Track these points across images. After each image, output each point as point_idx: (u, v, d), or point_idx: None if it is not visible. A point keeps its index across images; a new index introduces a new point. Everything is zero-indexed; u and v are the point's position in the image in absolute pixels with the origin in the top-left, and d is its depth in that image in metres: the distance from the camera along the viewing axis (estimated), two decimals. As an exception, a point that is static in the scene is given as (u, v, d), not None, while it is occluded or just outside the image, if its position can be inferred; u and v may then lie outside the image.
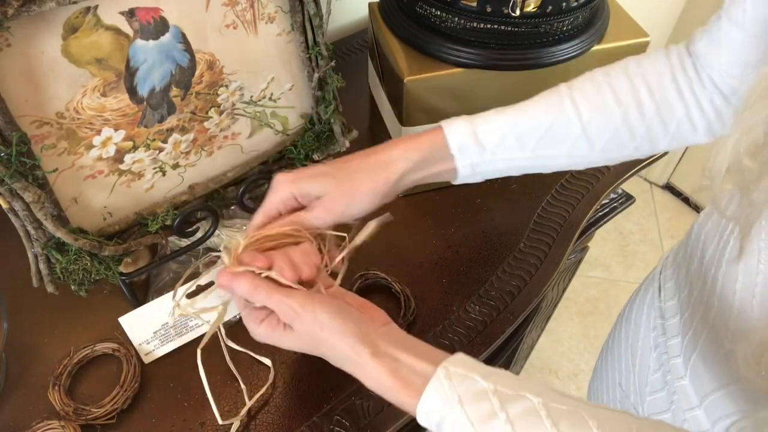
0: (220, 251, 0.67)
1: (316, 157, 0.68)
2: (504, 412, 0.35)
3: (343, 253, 0.48)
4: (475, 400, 0.36)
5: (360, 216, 0.48)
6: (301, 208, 0.48)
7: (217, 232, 0.64)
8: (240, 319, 0.64)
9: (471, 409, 0.36)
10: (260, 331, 0.44)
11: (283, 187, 0.46)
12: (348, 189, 0.46)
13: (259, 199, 0.67)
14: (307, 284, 0.44)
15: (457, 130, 0.48)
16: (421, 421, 0.38)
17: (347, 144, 0.69)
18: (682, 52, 0.49)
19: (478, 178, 0.51)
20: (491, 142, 0.48)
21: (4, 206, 0.49)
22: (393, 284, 0.64)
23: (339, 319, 0.41)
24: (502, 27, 0.62)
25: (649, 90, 0.48)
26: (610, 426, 0.34)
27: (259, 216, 0.48)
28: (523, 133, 0.49)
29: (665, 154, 0.82)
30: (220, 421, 0.55)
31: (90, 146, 0.52)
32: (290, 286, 0.43)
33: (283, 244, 0.46)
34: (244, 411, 0.56)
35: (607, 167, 0.79)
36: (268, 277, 0.43)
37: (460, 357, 0.39)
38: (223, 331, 0.61)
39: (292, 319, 0.42)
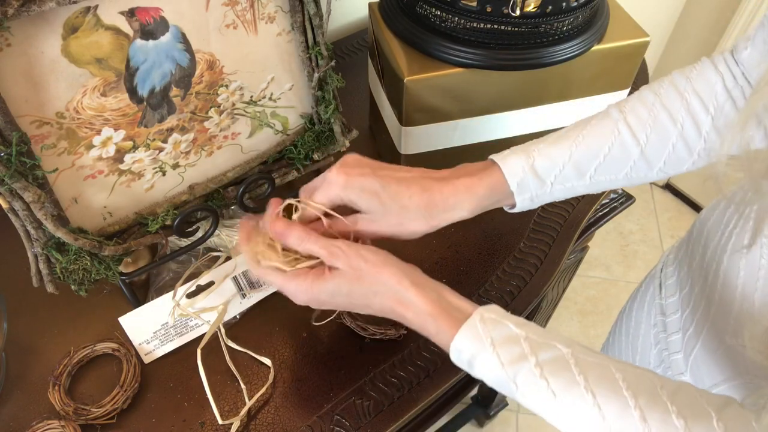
0: (221, 251, 0.67)
1: (316, 157, 0.68)
2: (534, 356, 0.37)
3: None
4: (506, 343, 0.38)
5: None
6: None
7: (217, 232, 0.64)
8: (240, 319, 0.64)
9: (502, 351, 0.37)
10: (304, 286, 0.44)
11: (335, 191, 0.46)
12: (394, 223, 0.46)
13: (259, 199, 0.67)
14: None
15: (515, 168, 0.47)
16: (453, 357, 0.40)
17: (347, 144, 0.69)
18: (729, 60, 0.48)
19: (534, 206, 0.51)
20: (550, 175, 0.48)
21: (4, 206, 0.49)
22: None
23: (382, 254, 0.44)
24: (502, 27, 0.62)
25: (702, 103, 0.47)
26: (635, 381, 0.35)
27: (304, 194, 0.48)
28: (581, 162, 0.48)
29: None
30: (220, 421, 0.55)
31: (90, 146, 0.52)
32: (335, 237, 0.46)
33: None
34: (244, 411, 0.56)
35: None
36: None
37: (495, 307, 0.41)
38: (223, 331, 0.61)
39: (338, 256, 0.43)
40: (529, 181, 0.47)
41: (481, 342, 0.38)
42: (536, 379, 0.36)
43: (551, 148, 0.48)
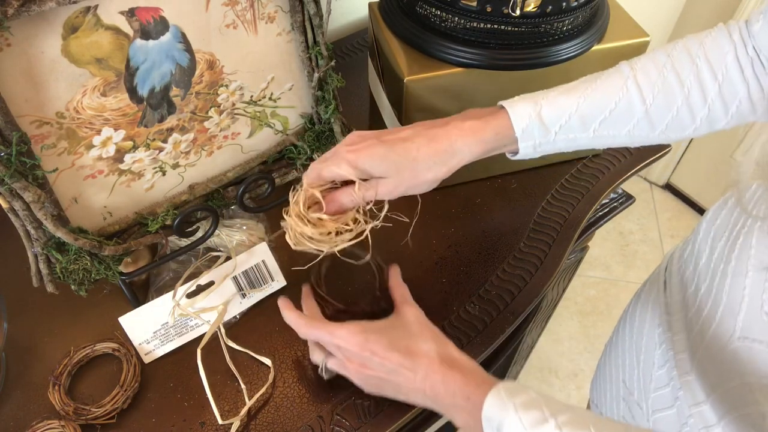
0: (221, 251, 0.67)
1: (316, 156, 0.68)
2: (554, 418, 0.39)
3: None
4: (527, 407, 0.40)
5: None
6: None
7: (217, 231, 0.64)
8: (240, 319, 0.64)
9: (524, 415, 0.40)
10: (353, 328, 0.49)
11: (345, 168, 0.47)
12: (408, 176, 0.48)
13: (259, 199, 0.67)
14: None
15: (522, 113, 0.48)
16: (485, 424, 0.43)
17: (347, 144, 0.69)
18: (744, 30, 0.48)
19: (536, 156, 0.52)
20: (555, 124, 0.49)
21: (4, 206, 0.49)
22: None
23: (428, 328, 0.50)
24: (502, 27, 0.62)
25: (711, 70, 0.48)
26: None
27: (313, 173, 0.49)
28: (586, 115, 0.49)
29: (667, 153, 0.82)
30: (220, 421, 0.55)
31: (90, 146, 0.52)
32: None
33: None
34: (244, 411, 0.56)
35: (606, 167, 0.79)
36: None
37: (512, 383, 0.44)
38: (223, 330, 0.61)
39: (411, 304, 0.52)
40: (534, 128, 0.49)
41: (505, 408, 0.41)
42: None
43: (559, 97, 0.49)
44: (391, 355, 0.47)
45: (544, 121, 0.49)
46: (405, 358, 0.47)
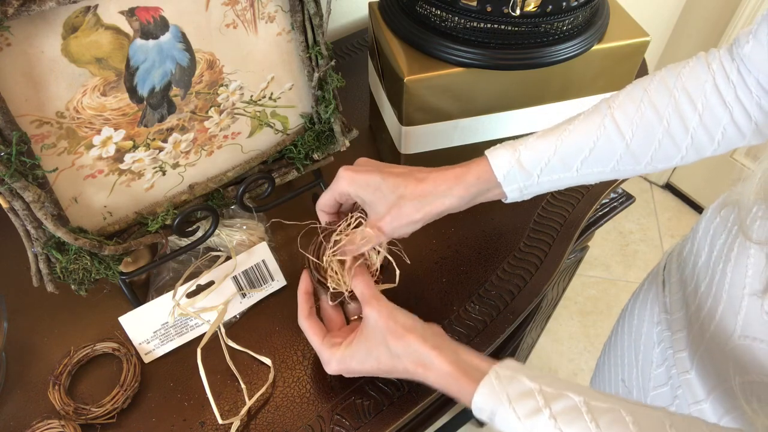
0: (221, 251, 0.67)
1: (316, 156, 0.68)
2: (548, 408, 0.38)
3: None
4: (521, 398, 0.40)
5: (405, 236, 0.53)
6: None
7: (217, 231, 0.64)
8: (240, 318, 0.64)
9: (518, 405, 0.39)
10: (338, 356, 0.50)
11: (344, 185, 0.52)
12: (395, 213, 0.51)
13: (259, 199, 0.67)
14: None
15: (501, 160, 0.50)
16: (476, 413, 0.43)
17: (347, 143, 0.69)
18: (725, 57, 0.48)
19: (527, 197, 0.53)
20: (536, 167, 0.50)
21: (4, 206, 0.49)
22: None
23: (411, 317, 0.48)
24: (502, 26, 0.62)
25: (690, 100, 0.48)
26: (645, 421, 0.37)
27: (326, 198, 0.54)
28: (566, 156, 0.49)
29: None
30: (220, 421, 0.55)
31: (90, 146, 0.52)
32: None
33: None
34: (244, 410, 0.56)
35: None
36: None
37: (509, 362, 0.43)
38: (223, 330, 0.61)
39: (373, 306, 0.48)
40: (516, 173, 0.50)
41: (498, 399, 0.40)
42: (552, 430, 0.38)
43: (537, 141, 0.50)
44: (372, 369, 0.49)
45: (525, 165, 0.49)
46: (385, 368, 0.48)
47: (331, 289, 0.54)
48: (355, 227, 0.54)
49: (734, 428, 0.36)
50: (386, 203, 0.50)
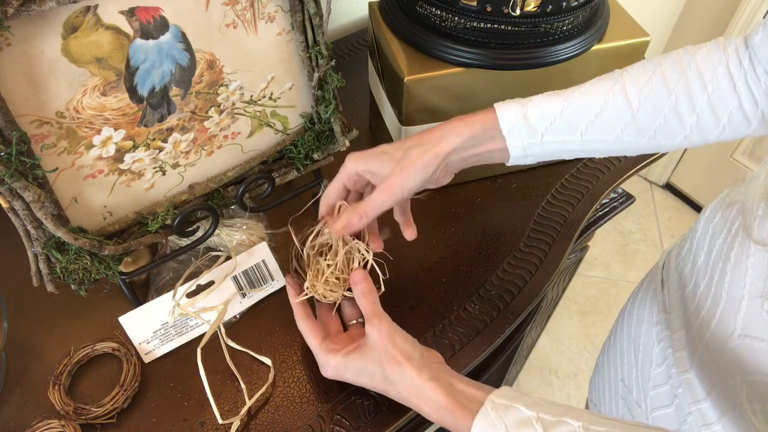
0: (221, 251, 0.67)
1: (316, 156, 0.68)
2: None
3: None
4: (519, 427, 0.39)
5: (418, 190, 0.52)
6: (367, 182, 0.54)
7: (217, 231, 0.64)
8: (240, 318, 0.64)
9: None
10: (334, 362, 0.49)
11: (350, 165, 0.52)
12: (404, 164, 0.50)
13: (259, 199, 0.67)
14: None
15: (508, 112, 0.50)
16: None
17: (347, 143, 0.69)
18: (740, 44, 0.49)
19: (530, 160, 0.53)
20: (541, 124, 0.50)
21: (4, 206, 0.49)
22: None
23: (410, 342, 0.48)
24: (502, 26, 0.62)
25: (701, 80, 0.48)
26: None
27: (333, 186, 0.54)
28: (572, 117, 0.50)
29: (666, 152, 0.82)
30: (220, 421, 0.55)
31: (90, 145, 0.52)
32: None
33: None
34: (244, 410, 0.56)
35: (606, 167, 0.79)
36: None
37: (505, 390, 0.42)
38: (223, 330, 0.61)
39: (374, 324, 0.48)
40: (521, 128, 0.50)
41: (496, 429, 0.39)
42: None
43: (546, 99, 0.51)
44: (365, 384, 0.49)
45: (530, 121, 0.50)
46: (379, 388, 0.48)
47: (313, 285, 0.53)
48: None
49: None
50: (394, 160, 0.51)
